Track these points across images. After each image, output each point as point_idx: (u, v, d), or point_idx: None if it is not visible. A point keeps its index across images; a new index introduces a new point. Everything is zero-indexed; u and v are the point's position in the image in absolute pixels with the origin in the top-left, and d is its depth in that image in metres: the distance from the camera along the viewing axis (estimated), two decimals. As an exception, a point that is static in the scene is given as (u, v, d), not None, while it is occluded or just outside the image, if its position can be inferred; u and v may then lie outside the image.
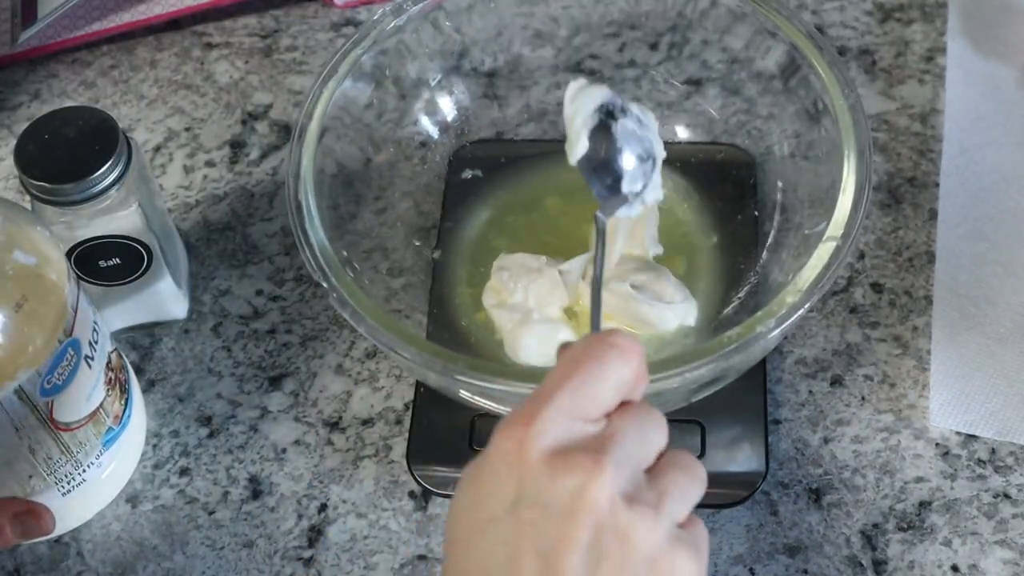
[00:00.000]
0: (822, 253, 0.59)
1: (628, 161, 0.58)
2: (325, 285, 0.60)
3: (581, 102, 0.57)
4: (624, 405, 0.47)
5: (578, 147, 0.57)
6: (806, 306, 0.58)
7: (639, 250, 0.68)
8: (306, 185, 0.63)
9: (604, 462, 0.44)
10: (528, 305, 0.66)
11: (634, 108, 0.59)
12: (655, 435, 0.48)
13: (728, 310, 0.67)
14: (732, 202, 0.71)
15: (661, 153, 0.60)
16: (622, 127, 0.58)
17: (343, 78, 0.67)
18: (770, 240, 0.68)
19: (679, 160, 0.73)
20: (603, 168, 0.58)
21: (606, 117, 0.57)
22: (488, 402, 0.61)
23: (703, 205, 0.71)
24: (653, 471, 0.47)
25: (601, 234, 0.55)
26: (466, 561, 0.46)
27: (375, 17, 0.69)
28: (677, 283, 0.67)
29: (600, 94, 0.58)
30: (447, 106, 0.73)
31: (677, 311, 0.66)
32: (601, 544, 0.44)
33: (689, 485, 0.48)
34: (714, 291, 0.68)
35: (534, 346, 0.65)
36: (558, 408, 0.45)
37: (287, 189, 0.63)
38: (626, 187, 0.58)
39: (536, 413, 0.45)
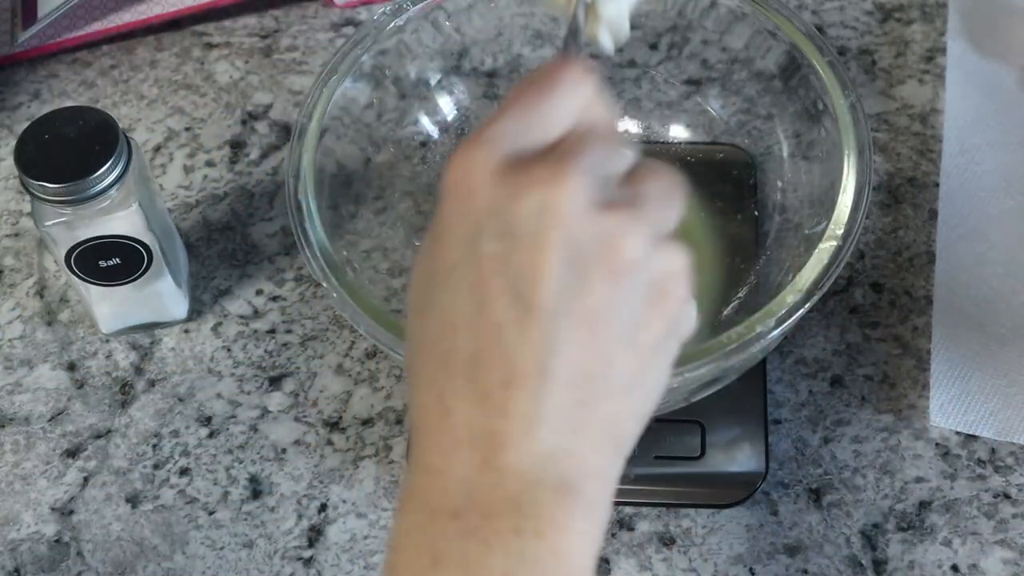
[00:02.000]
0: (822, 253, 0.59)
1: None
2: (325, 285, 0.60)
3: None
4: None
5: None
6: (806, 306, 0.58)
7: None
8: (306, 185, 0.63)
9: (567, 168, 0.39)
10: None
11: None
12: (619, 151, 0.42)
13: (728, 310, 0.67)
14: (732, 202, 0.71)
15: None
16: None
17: (343, 78, 0.67)
18: (770, 240, 0.68)
19: (679, 160, 0.73)
20: None
21: None
22: None
23: (703, 205, 0.71)
24: (629, 179, 0.42)
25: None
26: (427, 324, 0.41)
27: (375, 17, 0.69)
28: None
29: None
30: (447, 106, 0.73)
31: None
32: (580, 259, 0.39)
33: (669, 190, 0.43)
34: (714, 291, 0.68)
35: None
36: (503, 128, 0.40)
37: (287, 189, 0.63)
38: None
39: (479, 135, 0.40)
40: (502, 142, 0.40)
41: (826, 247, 0.59)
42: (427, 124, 0.73)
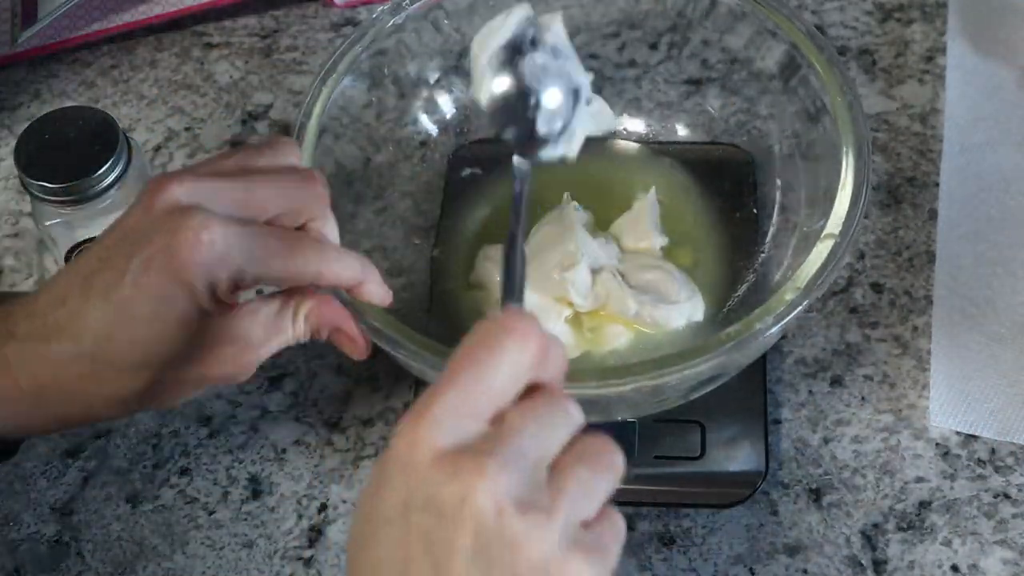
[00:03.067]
0: (820, 251, 0.59)
1: (548, 98, 0.53)
2: (328, 293, 0.60)
3: (487, 40, 0.53)
4: (531, 390, 0.45)
5: (483, 90, 0.52)
6: (804, 304, 0.58)
7: (645, 242, 0.68)
8: None
9: (489, 467, 0.43)
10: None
11: (549, 36, 0.53)
12: (560, 426, 0.45)
13: (728, 308, 0.67)
14: (732, 201, 0.71)
15: (585, 82, 0.54)
16: (530, 63, 0.52)
17: (342, 77, 0.67)
18: (769, 238, 0.68)
19: (679, 159, 0.73)
20: (514, 109, 0.53)
21: (513, 55, 0.52)
22: None
23: (703, 204, 0.71)
24: (556, 466, 0.45)
25: (521, 182, 0.52)
26: (361, 562, 0.45)
27: (374, 16, 0.69)
28: (684, 279, 0.67)
29: (510, 28, 0.52)
30: (447, 105, 0.73)
31: (683, 309, 0.66)
32: (488, 553, 0.43)
33: (595, 480, 0.45)
34: (715, 289, 0.68)
35: None
36: (447, 406, 0.44)
37: None
38: (542, 127, 0.53)
39: (425, 412, 0.44)
40: (445, 424, 0.43)
41: (824, 245, 0.59)
42: (427, 123, 0.73)
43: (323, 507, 0.66)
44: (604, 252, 0.67)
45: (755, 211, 0.70)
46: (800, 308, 0.57)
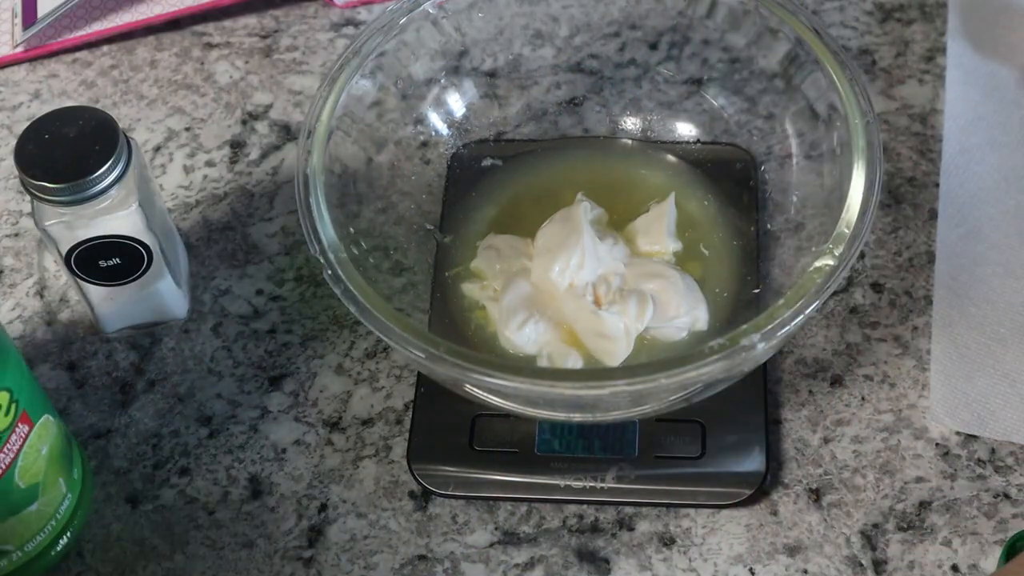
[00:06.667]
0: (819, 269, 0.58)
1: None
2: (338, 291, 0.60)
3: None
4: None
5: None
6: (794, 323, 0.57)
7: (658, 246, 0.68)
8: (316, 185, 0.63)
9: None
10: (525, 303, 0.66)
11: None
12: None
13: (730, 317, 0.67)
14: (733, 202, 0.71)
15: None
16: None
17: (349, 79, 0.67)
18: (772, 239, 0.68)
19: (680, 160, 0.73)
20: None
21: None
22: (497, 398, 0.62)
23: (703, 205, 0.71)
24: None
25: None
26: None
27: (375, 17, 0.69)
28: (689, 288, 0.66)
29: None
30: (448, 106, 0.73)
31: (682, 323, 0.65)
32: None
33: None
34: (721, 297, 0.68)
35: (531, 337, 0.65)
36: None
37: (297, 188, 0.63)
38: None
39: None
40: None
41: (823, 263, 0.58)
42: (428, 124, 0.73)
43: (323, 507, 0.66)
44: (610, 255, 0.67)
45: (756, 212, 0.70)
46: (790, 327, 0.56)
